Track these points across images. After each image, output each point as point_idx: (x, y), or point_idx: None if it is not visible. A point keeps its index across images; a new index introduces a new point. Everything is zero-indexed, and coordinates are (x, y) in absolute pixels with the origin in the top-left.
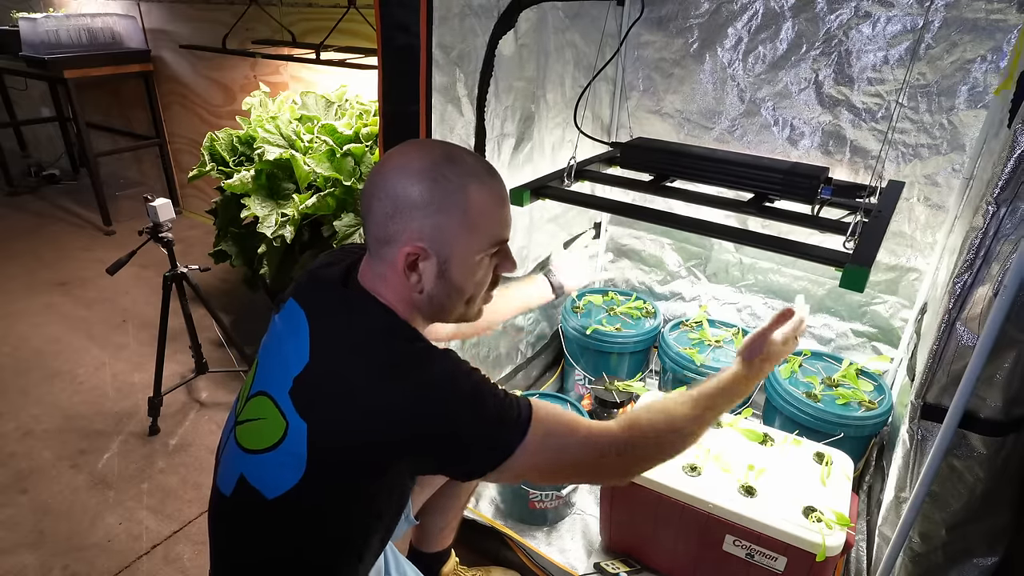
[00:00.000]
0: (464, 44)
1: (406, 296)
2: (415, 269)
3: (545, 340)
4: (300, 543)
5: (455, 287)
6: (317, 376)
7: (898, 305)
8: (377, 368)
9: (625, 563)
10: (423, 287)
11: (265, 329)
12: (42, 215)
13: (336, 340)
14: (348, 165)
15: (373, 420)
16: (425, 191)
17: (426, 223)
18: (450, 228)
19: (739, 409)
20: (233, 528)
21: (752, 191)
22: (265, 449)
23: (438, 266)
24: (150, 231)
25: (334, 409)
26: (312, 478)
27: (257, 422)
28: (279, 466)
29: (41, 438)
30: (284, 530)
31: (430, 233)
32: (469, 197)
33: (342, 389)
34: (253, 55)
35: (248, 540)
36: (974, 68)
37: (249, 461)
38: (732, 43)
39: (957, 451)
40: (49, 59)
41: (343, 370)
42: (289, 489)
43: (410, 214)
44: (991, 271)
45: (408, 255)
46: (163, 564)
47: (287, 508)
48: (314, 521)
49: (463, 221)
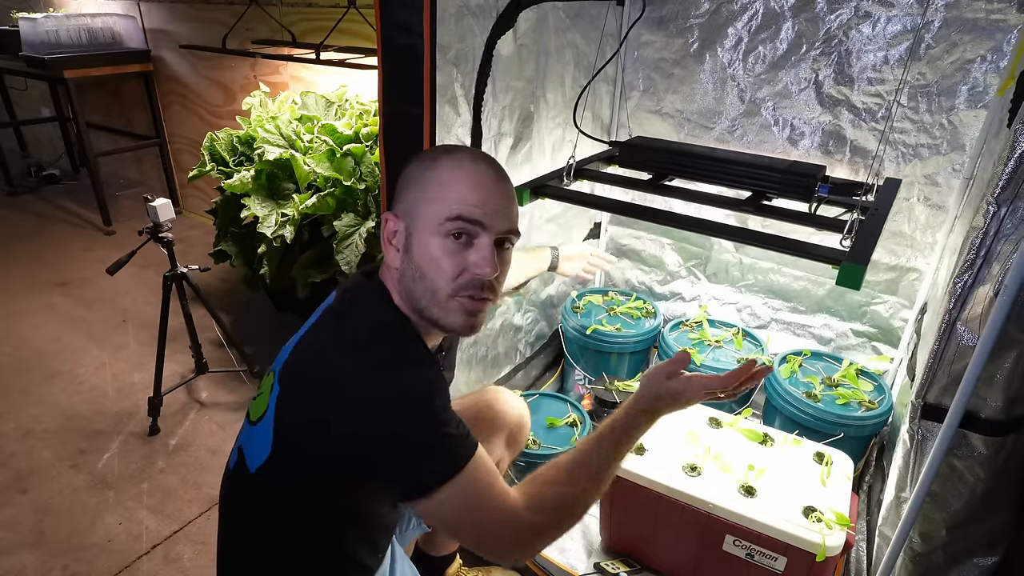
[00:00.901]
0: (462, 44)
1: (394, 280)
2: (392, 241)
3: (545, 340)
4: (278, 524)
5: (415, 265)
6: (296, 356)
7: (898, 305)
8: (347, 362)
9: (625, 563)
10: (397, 264)
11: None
12: (42, 215)
13: (328, 318)
14: (348, 165)
15: (337, 406)
16: (409, 168)
17: (401, 194)
18: (416, 197)
19: (739, 409)
20: (230, 502)
21: (750, 189)
22: (258, 419)
23: (405, 238)
24: (150, 231)
25: (303, 382)
26: (276, 458)
27: (260, 396)
28: (261, 436)
29: (41, 438)
30: (263, 507)
31: (402, 203)
32: (438, 168)
33: (316, 365)
34: (253, 55)
35: (240, 515)
36: (974, 68)
37: (247, 432)
38: (732, 43)
39: (957, 451)
40: (49, 59)
41: (322, 346)
42: (262, 463)
43: (396, 188)
44: (992, 271)
45: (385, 221)
46: (163, 564)
47: (262, 484)
48: (284, 503)
49: (426, 190)
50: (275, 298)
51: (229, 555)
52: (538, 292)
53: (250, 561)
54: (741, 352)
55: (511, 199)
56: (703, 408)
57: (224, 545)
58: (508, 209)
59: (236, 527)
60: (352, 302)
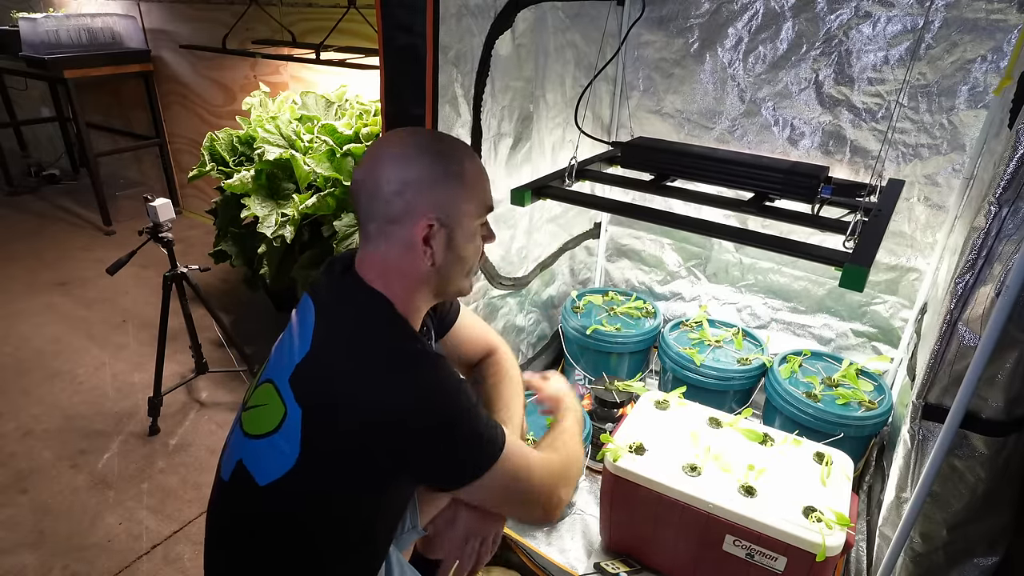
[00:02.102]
0: (461, 44)
1: (412, 274)
2: (430, 243)
3: (545, 340)
4: (286, 536)
5: (459, 256)
6: (316, 364)
7: (898, 305)
8: (377, 363)
9: (625, 563)
10: (435, 259)
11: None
12: (42, 215)
13: (336, 331)
14: (348, 165)
15: (368, 413)
16: (429, 164)
17: (435, 195)
18: (455, 197)
19: (739, 409)
20: (227, 515)
21: (752, 190)
22: (264, 434)
23: (447, 236)
24: (150, 231)
25: (329, 398)
26: (303, 468)
27: (260, 408)
28: (274, 452)
29: (41, 438)
30: (271, 520)
31: (440, 204)
32: (465, 167)
33: (339, 380)
34: (253, 55)
35: (239, 527)
36: (974, 68)
37: (248, 446)
38: (732, 43)
39: (958, 451)
40: (49, 59)
41: (342, 361)
42: (280, 477)
43: (418, 188)
44: (993, 271)
45: (424, 227)
46: (163, 564)
47: (276, 496)
48: (300, 514)
49: (463, 190)
50: (275, 298)
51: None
52: (539, 293)
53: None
54: (741, 352)
55: None
56: (703, 408)
57: (216, 555)
58: None
59: (231, 537)
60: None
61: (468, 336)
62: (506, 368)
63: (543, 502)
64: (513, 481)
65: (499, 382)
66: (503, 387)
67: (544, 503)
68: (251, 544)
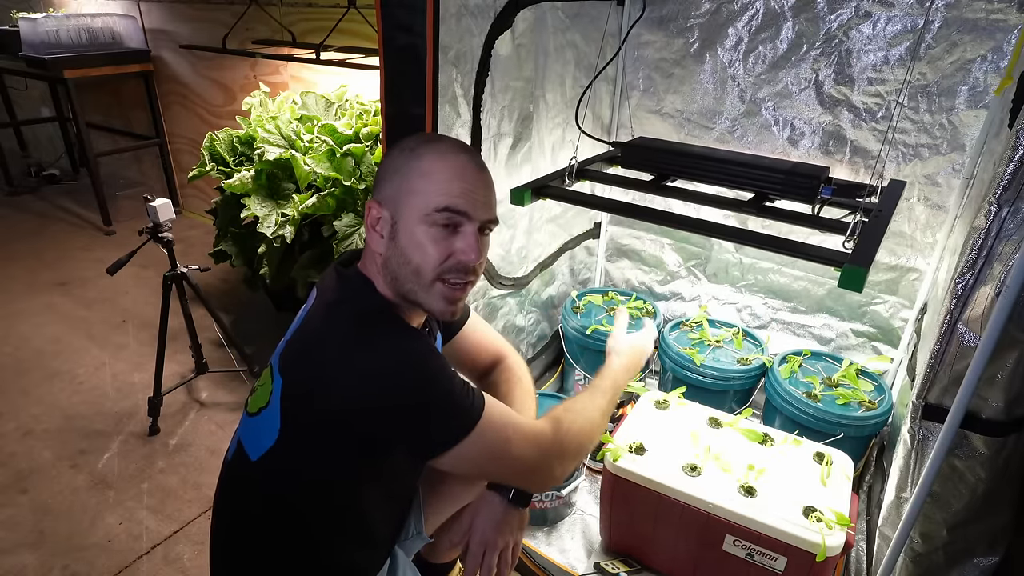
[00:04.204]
0: (461, 44)
1: (376, 258)
2: (376, 228)
3: (545, 340)
4: (282, 520)
5: (401, 251)
6: (297, 338)
7: (898, 305)
8: (347, 332)
9: (625, 563)
10: (382, 250)
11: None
12: (42, 215)
13: (319, 309)
14: (348, 165)
15: (337, 382)
16: (392, 157)
17: (385, 183)
18: (401, 187)
19: (739, 409)
20: (228, 497)
21: (753, 191)
22: (258, 411)
23: (391, 225)
24: (150, 231)
25: (305, 369)
26: (286, 440)
27: (260, 387)
28: (264, 426)
29: (41, 438)
30: (266, 503)
31: (387, 192)
32: (421, 159)
33: (315, 351)
34: (253, 55)
35: (238, 510)
36: (974, 68)
37: (247, 424)
38: (732, 43)
39: (958, 451)
40: (49, 59)
41: (319, 334)
42: (267, 450)
43: (379, 177)
44: (993, 271)
45: (368, 209)
46: (163, 564)
47: (266, 474)
48: (290, 495)
49: (410, 181)
50: (275, 298)
51: (224, 547)
52: (539, 293)
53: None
54: (741, 352)
55: (491, 189)
56: (703, 408)
57: (219, 536)
58: (489, 199)
59: (233, 515)
60: (338, 291)
61: (477, 341)
62: (518, 375)
63: (529, 474)
64: (492, 451)
65: (511, 389)
66: (515, 394)
67: (530, 475)
68: (251, 530)
